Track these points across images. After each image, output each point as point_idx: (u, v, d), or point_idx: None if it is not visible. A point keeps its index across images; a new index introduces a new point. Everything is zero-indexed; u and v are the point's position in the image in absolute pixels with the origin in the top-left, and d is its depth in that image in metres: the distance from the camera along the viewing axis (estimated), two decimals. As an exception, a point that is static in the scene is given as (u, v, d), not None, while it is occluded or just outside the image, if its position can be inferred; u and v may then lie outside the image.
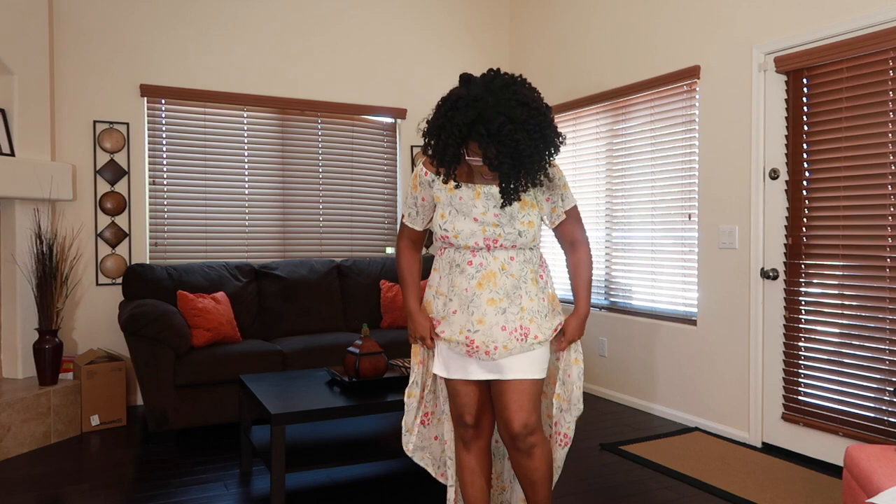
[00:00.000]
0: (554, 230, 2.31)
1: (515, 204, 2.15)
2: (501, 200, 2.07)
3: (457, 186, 2.16)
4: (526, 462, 2.19)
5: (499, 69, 2.02)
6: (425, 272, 5.00)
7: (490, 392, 2.27)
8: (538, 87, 4.74)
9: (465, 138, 1.96)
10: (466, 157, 2.03)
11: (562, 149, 2.07)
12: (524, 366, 2.14)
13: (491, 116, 1.91)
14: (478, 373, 2.18)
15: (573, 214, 2.28)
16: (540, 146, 1.96)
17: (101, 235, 4.39)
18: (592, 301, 4.91)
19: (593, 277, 4.90)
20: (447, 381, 2.25)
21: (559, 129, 2.03)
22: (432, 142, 2.04)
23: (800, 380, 3.48)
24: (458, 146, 1.98)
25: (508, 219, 2.15)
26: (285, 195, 5.00)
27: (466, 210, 2.16)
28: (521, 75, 2.01)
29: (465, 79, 2.02)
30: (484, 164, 2.00)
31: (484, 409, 2.27)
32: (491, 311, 2.13)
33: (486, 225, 2.14)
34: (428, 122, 2.06)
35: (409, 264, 2.36)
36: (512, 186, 2.01)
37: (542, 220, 2.25)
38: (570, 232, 2.29)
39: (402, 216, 2.36)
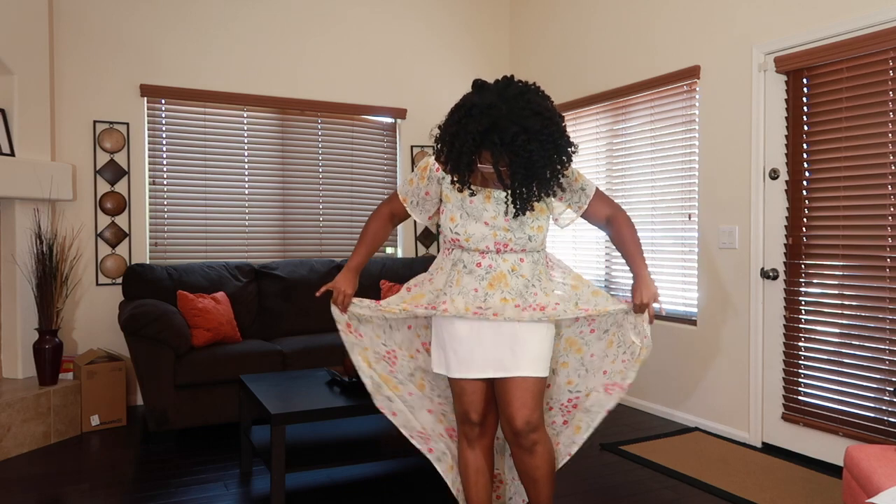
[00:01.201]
0: (583, 216, 2.29)
1: None
2: (514, 210, 2.06)
3: (472, 194, 2.15)
4: (528, 459, 2.19)
5: (512, 76, 2.01)
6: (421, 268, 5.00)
7: (494, 389, 2.27)
8: (538, 87, 4.74)
9: (478, 146, 1.95)
10: (479, 165, 2.02)
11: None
12: (528, 363, 2.14)
13: (505, 125, 1.89)
14: (480, 371, 2.17)
15: (597, 196, 2.26)
16: (553, 157, 1.95)
17: (101, 235, 4.39)
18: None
19: (593, 278, 4.90)
20: (451, 379, 2.25)
21: (571, 139, 2.03)
22: (445, 149, 2.03)
23: (800, 380, 3.48)
24: (471, 154, 1.97)
25: (519, 223, 2.15)
26: (285, 195, 5.00)
27: (477, 214, 2.16)
28: (534, 83, 2.00)
29: (479, 85, 2.01)
30: (495, 174, 2.00)
31: (489, 406, 2.27)
32: (504, 308, 2.14)
33: (497, 229, 2.14)
34: (440, 128, 2.06)
35: (376, 229, 2.34)
36: (525, 196, 2.00)
37: (551, 221, 2.26)
38: (601, 211, 2.27)
39: (401, 196, 2.30)
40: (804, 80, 3.44)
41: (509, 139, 1.89)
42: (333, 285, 2.27)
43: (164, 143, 4.61)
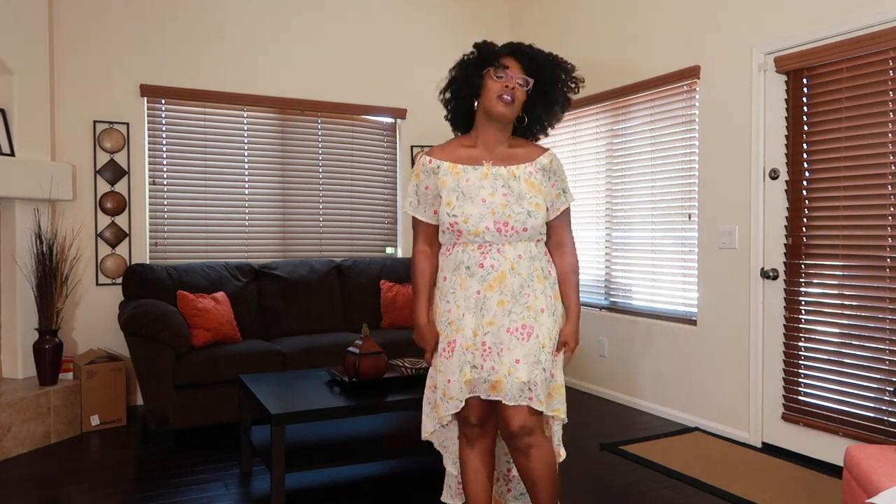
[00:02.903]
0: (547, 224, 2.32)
1: (523, 185, 2.17)
2: (537, 131, 2.28)
3: (465, 134, 2.29)
4: (524, 462, 2.19)
5: None
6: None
7: None
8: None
9: (497, 58, 2.16)
10: (492, 76, 2.15)
11: (562, 149, 2.15)
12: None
13: (527, 49, 2.21)
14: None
15: (566, 213, 2.31)
16: (563, 96, 2.23)
17: (101, 235, 4.39)
18: (592, 301, 4.91)
19: (593, 278, 4.90)
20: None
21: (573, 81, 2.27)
22: (454, 72, 2.25)
23: (800, 380, 3.48)
24: (486, 65, 2.16)
25: (517, 198, 2.15)
26: (285, 195, 5.00)
27: (473, 193, 2.15)
28: None
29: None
30: (513, 79, 2.13)
31: (490, 409, 2.27)
32: (500, 314, 2.13)
33: (495, 206, 2.14)
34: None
35: (423, 270, 2.29)
36: (544, 121, 2.25)
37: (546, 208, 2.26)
38: (560, 232, 2.31)
39: (407, 210, 2.31)
40: (804, 80, 3.44)
41: (538, 54, 2.17)
42: (420, 342, 2.28)
43: (164, 143, 4.61)
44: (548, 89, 2.20)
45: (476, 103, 2.22)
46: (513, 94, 2.13)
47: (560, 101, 2.23)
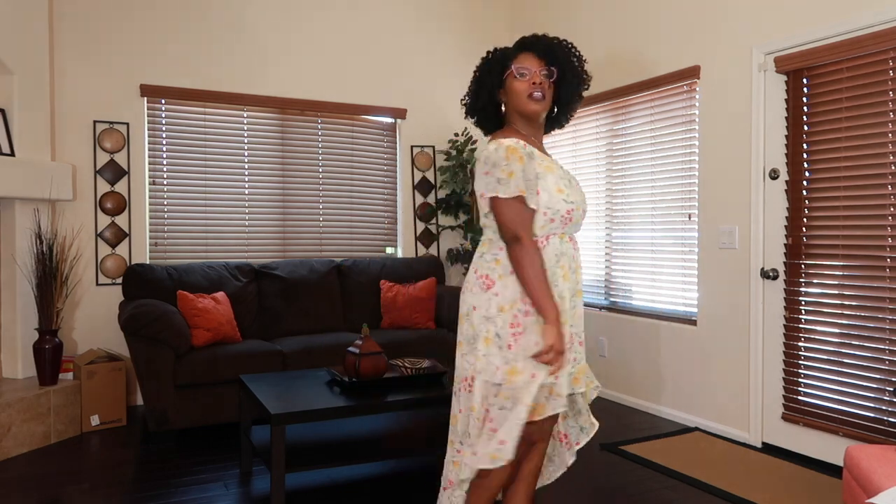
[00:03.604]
0: None
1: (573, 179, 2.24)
2: (563, 121, 2.25)
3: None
4: (548, 448, 2.26)
5: None
6: (422, 267, 4.99)
7: None
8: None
9: (517, 52, 2.12)
10: (514, 75, 2.10)
11: (562, 149, 2.15)
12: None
13: (545, 38, 2.12)
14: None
15: None
16: (581, 71, 2.17)
17: (101, 235, 4.39)
18: (592, 301, 4.91)
19: (593, 278, 4.91)
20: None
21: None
22: (476, 74, 2.17)
23: (800, 380, 3.48)
24: (508, 60, 2.11)
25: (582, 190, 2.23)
26: (285, 195, 5.00)
27: (574, 181, 2.17)
28: None
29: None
30: (537, 73, 2.08)
31: None
32: (578, 303, 2.17)
33: (582, 196, 2.17)
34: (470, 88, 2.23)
35: (542, 261, 1.99)
36: (571, 108, 2.20)
37: None
38: None
39: (520, 192, 1.98)
40: (804, 80, 3.44)
41: (552, 42, 2.09)
42: (560, 342, 1.92)
43: (164, 143, 4.61)
44: (568, 75, 2.12)
45: (503, 106, 2.18)
46: (542, 89, 2.08)
47: (580, 86, 2.15)
